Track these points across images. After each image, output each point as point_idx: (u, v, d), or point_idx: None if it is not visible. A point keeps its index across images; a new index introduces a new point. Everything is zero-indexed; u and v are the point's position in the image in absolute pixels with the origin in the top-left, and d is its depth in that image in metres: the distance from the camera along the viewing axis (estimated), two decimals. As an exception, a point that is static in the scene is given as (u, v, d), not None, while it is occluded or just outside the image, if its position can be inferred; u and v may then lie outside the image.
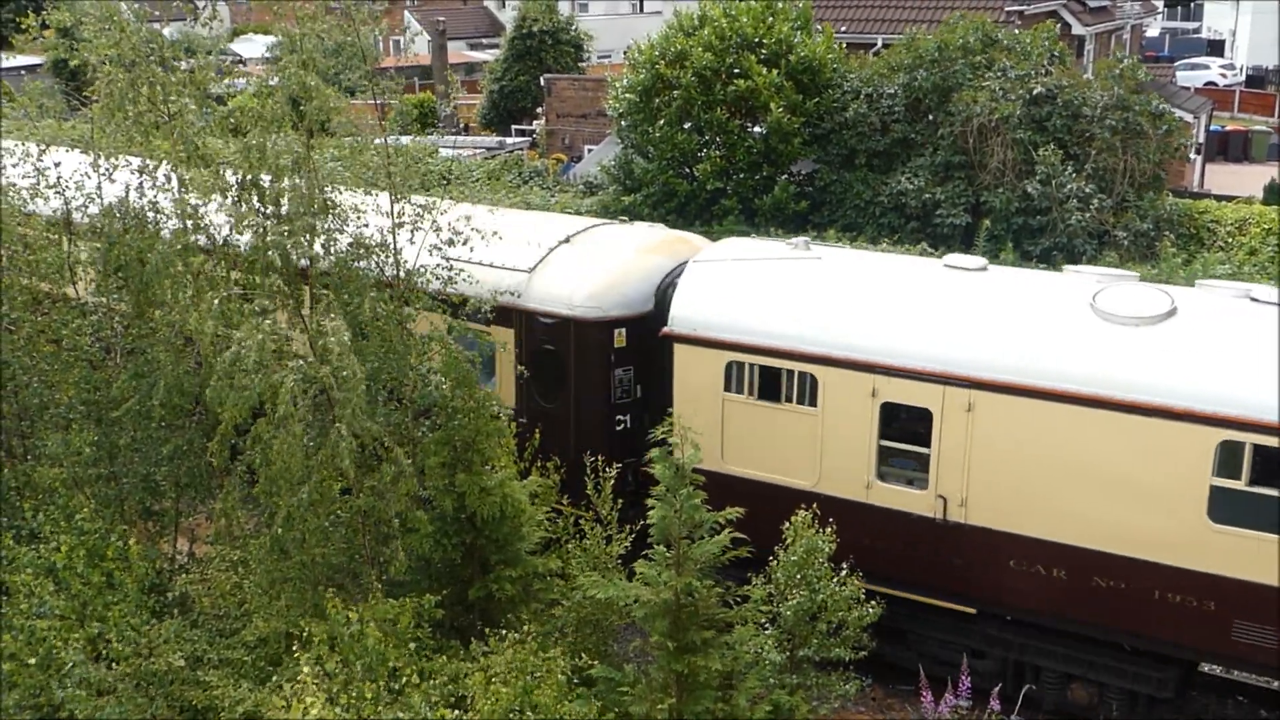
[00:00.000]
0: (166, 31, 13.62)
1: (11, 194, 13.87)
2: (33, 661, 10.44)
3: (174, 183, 12.92)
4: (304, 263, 11.63)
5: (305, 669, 9.98)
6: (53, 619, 10.80)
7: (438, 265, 12.87)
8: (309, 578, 11.37)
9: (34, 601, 10.91)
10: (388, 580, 11.90)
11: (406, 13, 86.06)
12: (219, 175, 12.18)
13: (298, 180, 11.27)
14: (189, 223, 12.77)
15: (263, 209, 11.66)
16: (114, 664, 10.80)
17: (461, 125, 50.54)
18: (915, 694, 14.49)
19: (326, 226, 11.61)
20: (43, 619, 10.76)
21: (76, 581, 11.22)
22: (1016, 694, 13.42)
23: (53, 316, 13.87)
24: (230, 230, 12.41)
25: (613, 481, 13.00)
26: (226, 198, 12.01)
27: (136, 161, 13.17)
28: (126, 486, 13.30)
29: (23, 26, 13.68)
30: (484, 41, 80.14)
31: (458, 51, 70.91)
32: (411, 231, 12.53)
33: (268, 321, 10.70)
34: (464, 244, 12.88)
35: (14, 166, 14.11)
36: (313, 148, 11.50)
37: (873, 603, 12.05)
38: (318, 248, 11.59)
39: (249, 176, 11.47)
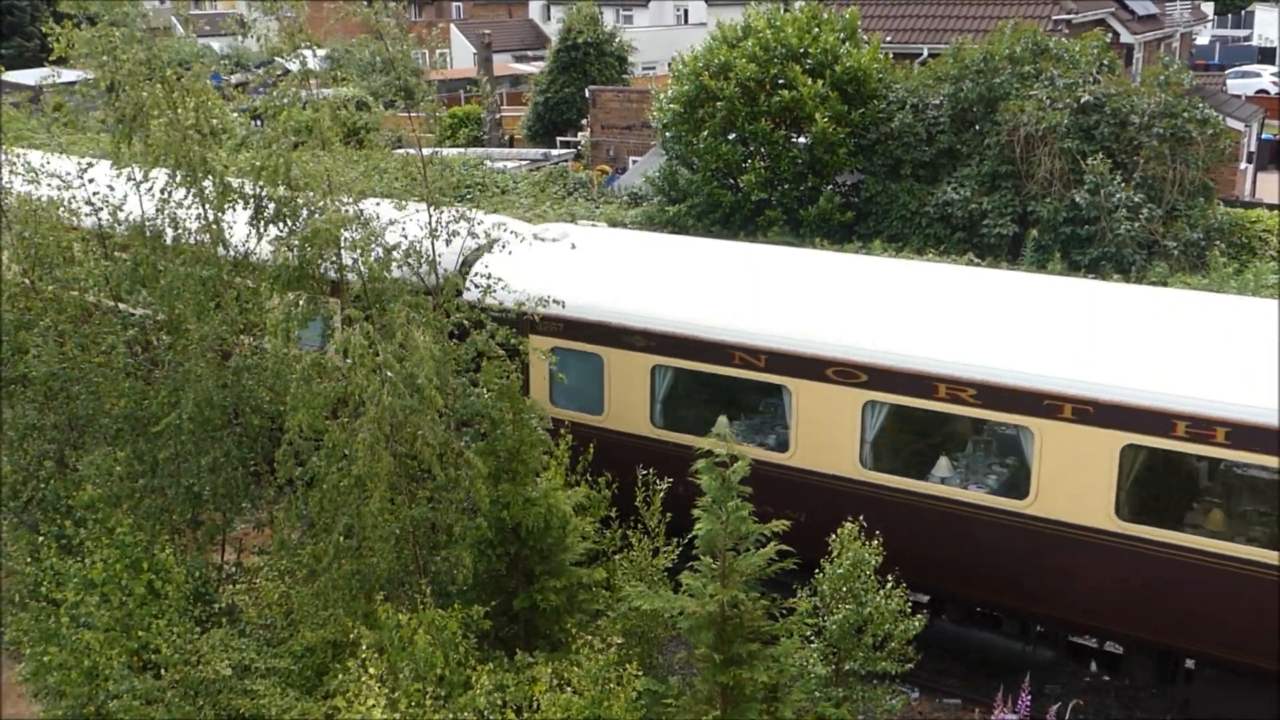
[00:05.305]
0: (216, 45, 13.68)
1: (61, 210, 13.99)
2: (75, 674, 10.54)
3: (189, 197, 12.94)
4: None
5: (371, 669, 9.99)
6: (97, 631, 10.89)
7: None
8: (361, 586, 11.42)
9: (78, 614, 11.00)
10: (435, 590, 11.93)
11: (453, 26, 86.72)
12: (235, 189, 12.23)
13: (325, 200, 11.32)
14: (207, 236, 12.83)
15: (280, 224, 11.72)
16: (162, 672, 10.89)
17: (506, 137, 50.80)
18: (962, 707, 14.40)
19: (354, 238, 11.60)
20: (88, 630, 10.85)
21: (117, 595, 11.27)
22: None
23: (99, 329, 13.97)
24: (255, 243, 12.47)
25: None
26: (246, 209, 12.07)
27: (160, 177, 13.18)
28: (172, 498, 13.39)
29: (57, 35, 13.50)
30: (529, 54, 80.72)
31: (503, 64, 71.37)
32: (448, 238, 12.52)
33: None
34: None
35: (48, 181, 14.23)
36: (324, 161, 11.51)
37: (918, 616, 11.95)
38: (346, 259, 11.61)
39: (265, 191, 11.54)
